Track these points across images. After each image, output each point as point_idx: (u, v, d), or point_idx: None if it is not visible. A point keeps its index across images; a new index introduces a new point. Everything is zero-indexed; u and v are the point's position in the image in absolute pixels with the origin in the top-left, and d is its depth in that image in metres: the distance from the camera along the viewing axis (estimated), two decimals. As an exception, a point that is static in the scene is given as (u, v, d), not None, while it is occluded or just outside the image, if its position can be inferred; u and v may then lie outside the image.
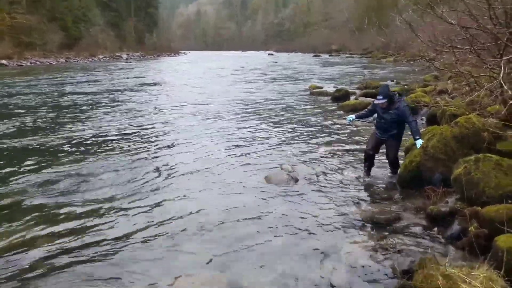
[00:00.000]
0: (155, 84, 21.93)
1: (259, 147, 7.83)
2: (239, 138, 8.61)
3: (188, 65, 43.39)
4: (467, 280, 2.77)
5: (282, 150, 7.55)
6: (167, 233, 4.30)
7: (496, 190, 4.07)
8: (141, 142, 8.36)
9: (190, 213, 4.80)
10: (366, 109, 6.30)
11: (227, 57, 70.50)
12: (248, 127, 9.77)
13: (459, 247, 3.81)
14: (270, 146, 7.88)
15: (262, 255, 3.85)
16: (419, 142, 5.39)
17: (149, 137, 8.79)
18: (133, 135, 9.05)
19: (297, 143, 8.20)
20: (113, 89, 18.94)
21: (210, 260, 3.77)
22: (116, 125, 10.17)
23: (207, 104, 13.81)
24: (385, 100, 5.61)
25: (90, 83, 21.88)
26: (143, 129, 9.73)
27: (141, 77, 26.48)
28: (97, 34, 61.03)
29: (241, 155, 7.24)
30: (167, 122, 10.49)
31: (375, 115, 6.09)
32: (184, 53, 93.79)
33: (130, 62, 50.67)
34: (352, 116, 6.30)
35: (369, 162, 6.06)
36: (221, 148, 7.67)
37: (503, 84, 4.87)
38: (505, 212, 3.51)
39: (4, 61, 39.09)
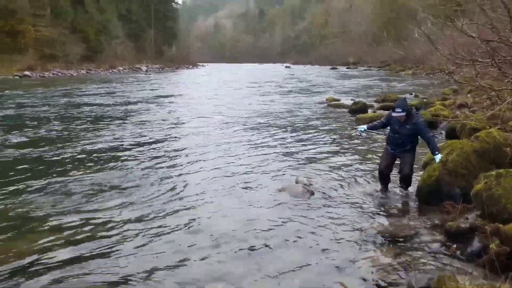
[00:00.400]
0: (173, 96, 22.20)
1: (275, 159, 7.81)
2: (255, 149, 8.61)
3: (206, 78, 43.86)
4: (488, 300, 2.68)
5: (298, 163, 7.51)
6: (180, 244, 4.29)
7: (518, 206, 3.95)
8: (156, 152, 8.44)
9: (204, 224, 4.79)
10: (379, 121, 6.10)
11: (244, 69, 71.01)
12: (264, 139, 9.78)
13: (479, 265, 3.69)
14: (286, 158, 7.85)
15: (276, 269, 3.80)
16: (438, 157, 5.21)
17: (164, 148, 8.87)
18: (149, 146, 9.14)
19: (313, 155, 8.15)
20: (132, 101, 19.24)
21: (223, 273, 3.73)
22: (133, 136, 10.30)
23: (223, 116, 13.89)
24: (404, 114, 5.40)
25: (110, 94, 22.29)
26: (159, 140, 9.83)
27: (159, 89, 26.87)
28: (117, 46, 62.26)
29: (257, 166, 7.23)
30: (182, 134, 10.58)
31: (388, 128, 5.86)
32: (202, 65, 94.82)
33: (150, 74, 51.45)
34: (364, 127, 6.09)
35: (384, 180, 5.84)
36: (237, 160, 7.68)
37: (525, 98, 4.77)
38: (527, 229, 3.40)
39: (27, 72, 40.17)
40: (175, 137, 10.06)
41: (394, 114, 5.50)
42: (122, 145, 9.22)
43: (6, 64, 41.58)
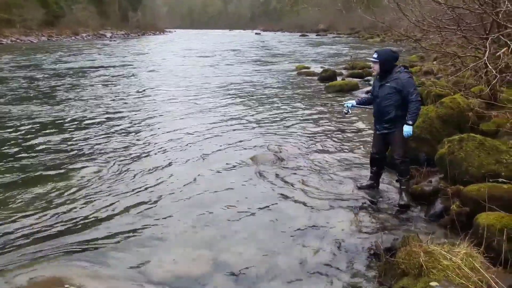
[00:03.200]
0: (138, 64, 21.56)
1: (245, 128, 7.81)
2: (225, 119, 8.55)
3: (172, 45, 42.67)
4: (448, 257, 2.84)
5: (269, 131, 7.54)
6: (152, 213, 4.30)
7: (478, 169, 4.15)
8: (122, 123, 8.25)
9: (175, 192, 4.79)
10: (368, 94, 5.17)
11: (213, 36, 69.52)
12: (233, 108, 9.72)
13: (441, 225, 3.89)
14: (257, 127, 7.86)
15: (246, 233, 3.88)
16: (409, 129, 4.25)
17: (131, 119, 8.66)
18: (113, 117, 8.93)
19: (283, 124, 8.20)
20: (94, 70, 18.57)
21: (195, 238, 3.79)
22: (97, 107, 10.02)
23: (191, 85, 13.65)
24: (377, 61, 4.39)
25: (72, 63, 21.42)
26: (125, 110, 9.60)
27: (124, 56, 25.99)
28: (79, 11, 59.46)
29: (227, 136, 7.21)
30: (149, 104, 10.35)
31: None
32: (169, 31, 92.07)
33: (114, 40, 49.59)
34: (352, 102, 5.06)
35: (376, 166, 4.83)
36: (207, 129, 7.61)
37: (488, 64, 4.91)
38: (486, 190, 3.59)
39: (-18, 39, 37.88)
40: (142, 108, 9.84)
41: (370, 63, 4.54)
42: (85, 116, 8.94)
43: (-43, 30, 39.00)
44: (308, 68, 18.07)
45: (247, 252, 3.58)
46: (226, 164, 5.75)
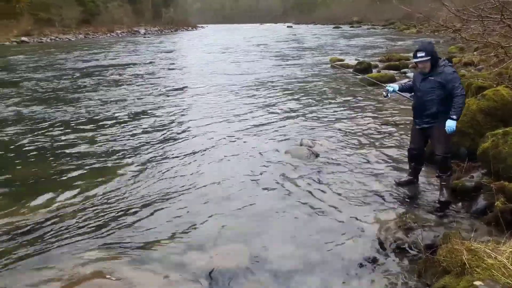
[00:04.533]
0: (173, 60, 21.87)
1: (279, 122, 7.78)
2: (258, 113, 8.56)
3: (205, 39, 43.03)
4: (493, 255, 2.73)
5: (303, 125, 7.49)
6: (188, 206, 4.36)
7: (524, 164, 3.96)
8: (159, 117, 8.41)
9: (211, 186, 4.84)
10: (409, 81, 4.95)
11: (245, 30, 69.59)
12: (266, 102, 9.70)
13: (484, 223, 3.75)
14: (290, 121, 7.82)
15: (284, 228, 3.87)
16: (452, 125, 3.99)
17: (167, 113, 8.82)
18: (151, 110, 9.11)
19: (317, 117, 8.11)
20: (131, 65, 18.99)
21: (232, 233, 3.81)
22: (135, 102, 10.24)
23: (226, 79, 13.74)
24: (428, 58, 4.14)
25: (108, 59, 21.99)
26: (162, 105, 9.78)
27: (159, 53, 26.44)
28: (114, 9, 60.93)
29: (261, 130, 7.22)
30: (185, 99, 10.48)
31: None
32: (201, 27, 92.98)
33: (148, 37, 50.54)
34: (394, 87, 4.82)
35: (415, 162, 4.63)
36: (240, 124, 7.65)
37: (535, 54, 4.66)
38: (534, 186, 3.43)
39: (25, 38, 39.56)
40: (176, 103, 9.97)
41: (415, 60, 4.31)
42: (124, 110, 9.18)
43: (2, 29, 40.85)
44: (342, 60, 17.79)
45: (282, 247, 3.58)
46: (260, 158, 5.75)
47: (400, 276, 3.15)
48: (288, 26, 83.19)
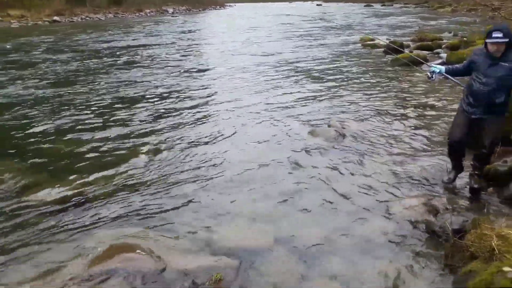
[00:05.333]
0: (202, 40, 21.89)
1: (307, 102, 7.73)
2: (286, 93, 8.52)
3: (234, 19, 42.75)
4: (525, 242, 2.68)
5: (331, 106, 7.42)
6: (214, 185, 4.43)
7: (561, 149, 3.81)
8: (186, 97, 8.49)
9: (239, 167, 4.89)
10: (461, 64, 4.43)
11: (273, 8, 68.62)
12: (295, 82, 9.63)
13: (516, 208, 3.66)
14: (318, 102, 7.75)
15: (309, 210, 3.89)
16: None
17: (195, 93, 8.91)
18: (177, 91, 9.21)
19: (345, 99, 8.01)
20: (158, 45, 19.12)
21: (257, 213, 3.86)
22: (163, 83, 10.35)
23: (254, 59, 13.69)
24: (505, 41, 3.64)
25: (137, 39, 22.21)
26: (190, 86, 9.86)
27: (187, 32, 26.49)
28: (144, -12, 61.00)
29: (288, 111, 7.20)
30: (213, 79, 10.54)
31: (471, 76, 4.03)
32: (229, 5, 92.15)
33: (177, 16, 50.58)
34: (440, 68, 4.35)
35: (456, 154, 4.19)
36: (268, 105, 7.65)
37: None
38: None
39: (57, 18, 40.29)
40: (202, 84, 10.01)
41: (489, 41, 3.73)
42: (152, 90, 9.32)
43: (35, 9, 41.73)
44: (373, 40, 17.33)
45: (307, 228, 3.60)
46: (287, 140, 5.75)
47: (427, 260, 3.13)
48: (317, 4, 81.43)
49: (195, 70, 11.86)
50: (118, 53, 16.09)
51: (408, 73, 10.29)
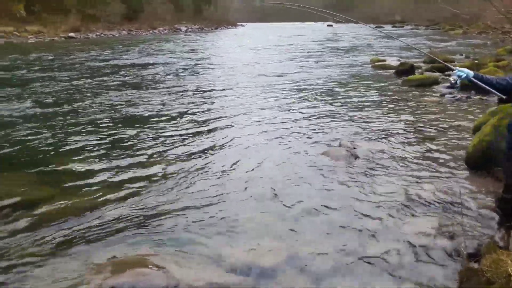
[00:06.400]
0: (213, 58, 22.20)
1: (317, 122, 7.75)
2: (296, 112, 8.57)
3: (246, 38, 43.32)
4: (542, 268, 2.63)
5: (342, 126, 7.43)
6: (226, 202, 4.44)
7: None
8: (197, 114, 8.58)
9: (249, 183, 4.90)
10: (495, 76, 3.83)
11: (284, 28, 69.45)
12: (305, 102, 9.69)
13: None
14: (329, 122, 7.77)
15: (321, 229, 3.87)
16: None
17: (201, 112, 8.96)
18: (186, 109, 9.32)
19: (357, 119, 8.02)
20: (171, 63, 19.41)
21: (268, 230, 3.85)
22: (175, 98, 10.49)
23: (262, 79, 13.81)
24: None
25: (150, 56, 22.60)
26: (201, 102, 9.98)
27: (199, 51, 26.90)
28: (156, 6, 62.37)
29: (298, 130, 7.23)
30: (223, 97, 10.63)
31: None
32: (241, 25, 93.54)
33: (189, 34, 51.42)
34: (468, 72, 3.59)
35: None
36: (277, 123, 7.69)
37: None
38: None
39: (72, 34, 41.26)
40: (212, 102, 10.11)
41: None
42: (160, 108, 9.44)
43: (51, 25, 42.79)
44: (383, 61, 17.46)
45: (319, 248, 3.57)
46: (298, 158, 5.77)
47: (441, 284, 3.08)
48: (328, 25, 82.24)
49: (203, 89, 11.96)
50: (127, 70, 16.35)
51: (420, 94, 10.30)
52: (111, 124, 7.82)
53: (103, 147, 6.40)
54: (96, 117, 8.34)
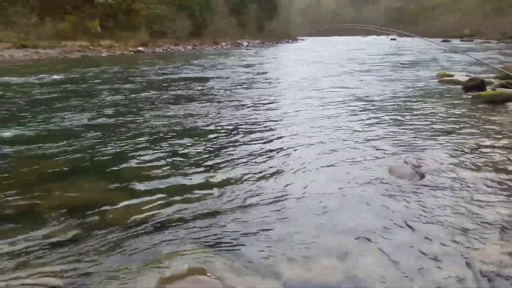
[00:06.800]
0: (273, 72, 22.41)
1: (381, 138, 7.51)
2: (359, 128, 8.36)
3: (306, 52, 43.37)
4: None
5: (407, 143, 7.14)
6: (284, 216, 4.39)
7: None
8: (252, 129, 8.60)
9: (308, 198, 4.83)
10: None
11: (346, 42, 68.70)
12: (368, 117, 9.44)
13: None
14: (394, 138, 7.50)
15: (381, 250, 3.70)
16: None
17: (260, 125, 8.99)
18: (248, 118, 9.42)
19: (422, 135, 7.68)
20: (231, 75, 19.83)
21: (326, 247, 3.75)
22: (231, 113, 10.66)
23: (323, 93, 13.69)
24: None
25: (214, 69, 23.26)
26: (260, 115, 10.05)
27: (257, 64, 27.28)
28: (220, 22, 64.47)
29: (361, 145, 7.04)
30: (278, 111, 10.66)
31: None
32: (301, 39, 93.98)
33: (250, 49, 52.46)
34: None
35: None
36: (339, 139, 7.54)
37: None
38: None
39: (141, 48, 43.73)
40: (270, 116, 10.16)
41: None
42: (221, 118, 9.63)
43: (122, 40, 45.64)
44: (451, 76, 16.66)
45: (379, 269, 3.42)
46: (360, 174, 5.60)
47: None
48: (391, 39, 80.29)
49: (260, 102, 12.03)
50: (187, 83, 16.96)
51: (491, 112, 9.68)
52: (171, 134, 8.09)
53: (163, 156, 6.62)
54: (157, 127, 8.68)
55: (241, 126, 8.74)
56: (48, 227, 4.18)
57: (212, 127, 8.74)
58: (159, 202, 4.76)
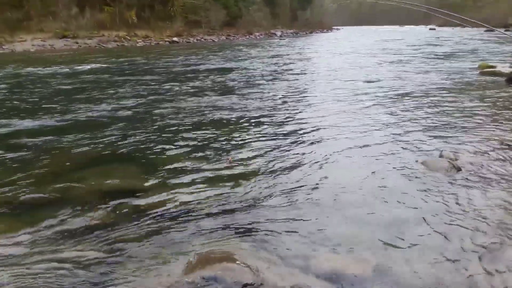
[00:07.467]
0: (305, 62, 22.18)
1: (417, 130, 7.30)
2: (395, 120, 8.16)
3: (340, 42, 42.66)
4: None
5: (444, 136, 6.91)
6: (314, 207, 4.37)
7: None
8: (280, 121, 8.54)
9: (340, 189, 4.78)
10: None
11: (382, 32, 67.00)
12: (405, 109, 9.20)
13: None
14: (430, 131, 7.28)
15: (415, 243, 3.63)
16: None
17: (289, 117, 8.91)
18: (277, 109, 9.43)
19: (460, 128, 7.42)
20: (263, 66, 19.78)
21: (359, 239, 3.71)
22: (258, 104, 10.64)
23: (357, 84, 13.45)
24: None
25: (247, 59, 23.27)
26: (292, 105, 10.01)
27: (290, 54, 27.07)
28: (254, 12, 64.29)
29: (394, 137, 6.89)
30: (309, 104, 10.52)
31: None
32: (336, 28, 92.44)
33: (284, 38, 52.09)
34: None
35: None
36: (373, 130, 7.39)
37: None
38: None
39: (175, 38, 44.31)
40: (301, 108, 10.02)
41: None
42: (250, 110, 9.63)
43: (158, 30, 46.33)
44: (493, 67, 15.94)
45: (412, 262, 3.35)
46: (394, 168, 5.48)
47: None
48: (430, 29, 77.69)
49: (290, 93, 11.91)
50: (216, 75, 17.02)
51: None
52: (198, 125, 8.14)
53: (191, 146, 6.69)
54: (184, 118, 8.76)
55: (270, 118, 8.70)
56: (84, 211, 4.33)
57: (239, 119, 8.73)
58: (188, 191, 4.84)
